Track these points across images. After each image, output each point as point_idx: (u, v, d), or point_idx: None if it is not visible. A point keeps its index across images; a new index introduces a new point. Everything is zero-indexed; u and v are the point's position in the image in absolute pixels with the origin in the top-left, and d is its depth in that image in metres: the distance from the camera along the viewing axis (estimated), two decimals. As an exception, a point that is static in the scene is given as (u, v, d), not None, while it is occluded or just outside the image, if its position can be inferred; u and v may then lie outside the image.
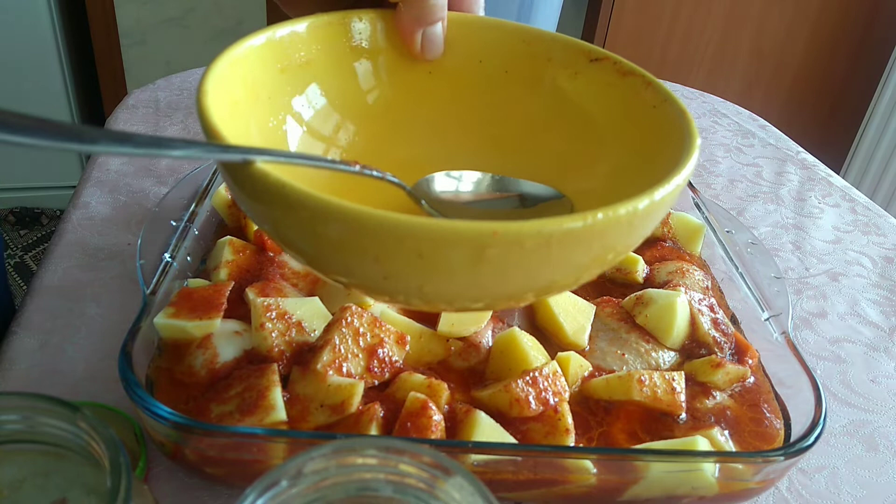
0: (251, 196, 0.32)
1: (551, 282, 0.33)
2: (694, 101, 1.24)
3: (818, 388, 0.49)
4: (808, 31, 2.17)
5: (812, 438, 0.46)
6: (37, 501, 0.33)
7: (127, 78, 2.21)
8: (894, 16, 2.14)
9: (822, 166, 1.05)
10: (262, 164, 0.31)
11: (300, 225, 0.31)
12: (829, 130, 2.34)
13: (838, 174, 1.08)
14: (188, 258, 0.59)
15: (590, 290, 0.63)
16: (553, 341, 0.56)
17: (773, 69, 2.23)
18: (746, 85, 2.25)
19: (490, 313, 0.55)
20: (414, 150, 0.46)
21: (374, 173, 0.37)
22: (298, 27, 0.41)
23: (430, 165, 0.44)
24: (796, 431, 0.49)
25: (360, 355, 0.49)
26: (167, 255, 0.56)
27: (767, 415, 0.52)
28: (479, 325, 0.54)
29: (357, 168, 0.36)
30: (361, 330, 0.49)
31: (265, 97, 0.41)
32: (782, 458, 0.44)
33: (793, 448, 0.45)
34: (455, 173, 0.44)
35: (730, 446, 0.49)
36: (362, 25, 0.43)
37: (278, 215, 0.32)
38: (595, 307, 0.58)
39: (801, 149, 1.10)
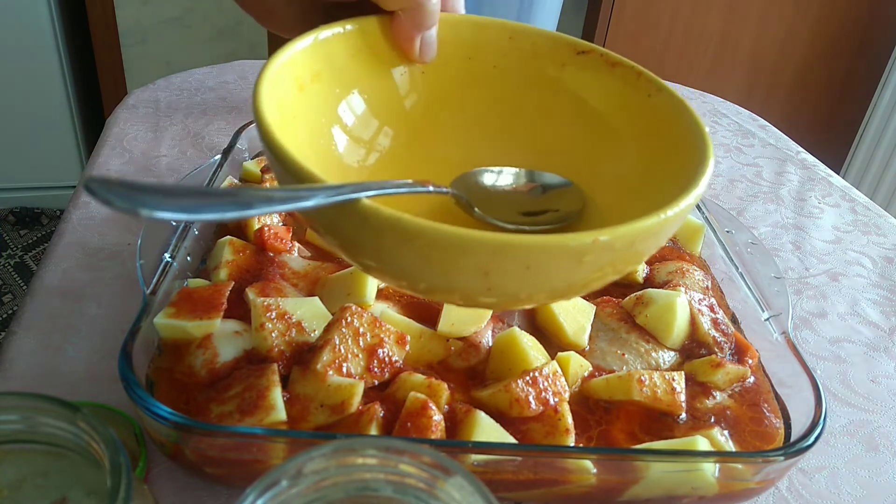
0: (358, 229, 0.33)
1: (623, 270, 0.38)
2: (694, 101, 1.24)
3: (818, 388, 0.49)
4: (808, 32, 2.17)
5: (812, 438, 0.46)
6: (37, 501, 0.33)
7: (127, 78, 2.21)
8: (894, 16, 2.14)
9: (822, 166, 1.05)
10: (368, 200, 0.32)
11: (413, 252, 0.33)
12: (829, 130, 2.34)
13: (838, 174, 1.08)
14: (188, 258, 0.59)
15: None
16: (553, 341, 0.56)
17: (773, 69, 2.23)
18: (746, 85, 2.25)
19: (490, 313, 0.55)
20: (429, 149, 0.49)
21: (444, 190, 0.41)
22: (342, 29, 0.43)
23: (451, 162, 0.47)
24: (796, 431, 0.49)
25: (360, 355, 0.49)
26: (167, 255, 0.56)
27: (767, 414, 0.52)
28: (479, 325, 0.54)
29: (431, 189, 0.40)
30: (361, 330, 0.49)
31: (312, 105, 0.42)
32: (782, 458, 0.44)
33: (793, 448, 0.45)
34: (483, 170, 0.46)
35: (730, 446, 0.49)
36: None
37: (389, 245, 0.33)
38: (595, 307, 0.58)
39: (801, 149, 1.10)
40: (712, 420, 0.51)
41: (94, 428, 0.31)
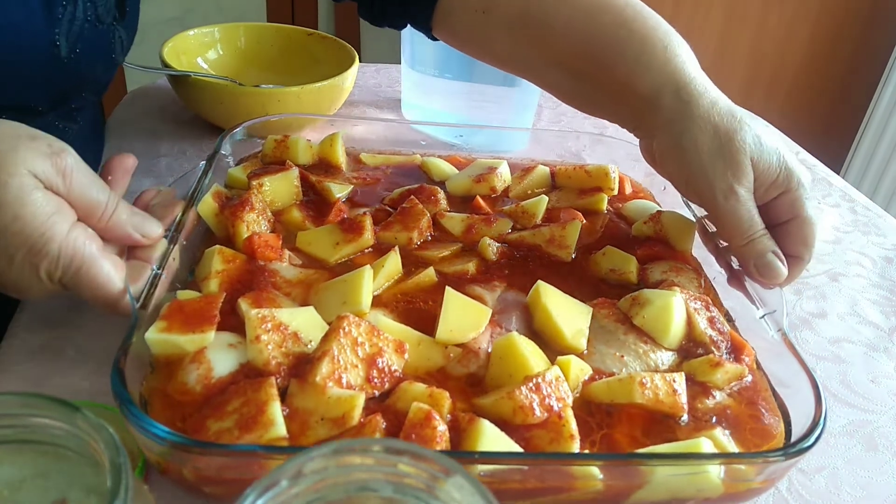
0: None
1: None
2: (694, 102, 1.24)
3: (818, 388, 0.49)
4: (808, 31, 2.16)
5: (812, 438, 0.46)
6: (37, 501, 0.33)
7: (127, 78, 2.21)
8: (894, 16, 2.14)
9: (822, 166, 1.05)
10: None
11: None
12: (829, 130, 2.34)
13: (838, 174, 1.08)
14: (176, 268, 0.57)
15: (585, 292, 0.62)
16: (551, 345, 0.55)
17: (773, 69, 2.23)
18: (746, 85, 2.25)
19: (488, 319, 0.55)
20: None
21: None
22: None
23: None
24: (796, 431, 0.49)
25: (360, 365, 0.47)
26: (155, 267, 0.54)
27: (765, 412, 0.52)
28: (477, 331, 0.53)
29: None
30: (360, 339, 0.48)
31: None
32: (783, 458, 0.44)
33: (794, 448, 0.45)
34: None
35: (732, 446, 0.49)
36: None
37: None
38: (592, 309, 0.58)
39: (801, 149, 1.10)
40: (713, 420, 0.51)
41: (94, 428, 0.31)
